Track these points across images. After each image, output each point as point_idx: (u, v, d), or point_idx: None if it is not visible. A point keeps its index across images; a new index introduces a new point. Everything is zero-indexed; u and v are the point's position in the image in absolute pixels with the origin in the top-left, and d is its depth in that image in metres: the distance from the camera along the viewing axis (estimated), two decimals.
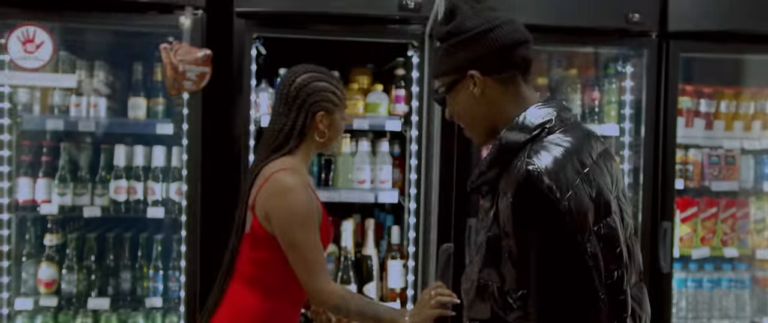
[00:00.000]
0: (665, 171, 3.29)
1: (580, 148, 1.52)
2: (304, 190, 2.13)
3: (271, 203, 2.12)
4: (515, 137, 1.56)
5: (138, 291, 3.24)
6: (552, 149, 1.49)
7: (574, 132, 1.56)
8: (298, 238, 2.10)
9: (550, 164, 1.45)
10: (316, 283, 2.11)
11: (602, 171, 1.53)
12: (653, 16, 3.24)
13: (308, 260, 2.11)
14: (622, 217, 1.58)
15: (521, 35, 1.63)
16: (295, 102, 2.18)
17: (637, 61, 3.37)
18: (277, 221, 2.11)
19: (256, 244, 2.20)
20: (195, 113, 3.04)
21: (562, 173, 1.44)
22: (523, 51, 1.63)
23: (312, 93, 2.19)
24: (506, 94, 1.64)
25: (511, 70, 1.63)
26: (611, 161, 1.63)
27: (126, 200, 3.16)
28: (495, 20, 1.62)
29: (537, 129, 1.56)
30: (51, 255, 3.18)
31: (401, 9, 3.05)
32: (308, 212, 2.12)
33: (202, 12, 3.01)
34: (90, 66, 3.21)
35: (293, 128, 2.19)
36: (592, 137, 1.61)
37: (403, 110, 3.32)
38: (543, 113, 1.58)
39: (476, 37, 1.61)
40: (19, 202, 3.14)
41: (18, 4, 2.93)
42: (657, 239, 3.28)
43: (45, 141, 3.24)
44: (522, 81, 1.65)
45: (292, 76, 2.21)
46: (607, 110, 3.47)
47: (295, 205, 2.10)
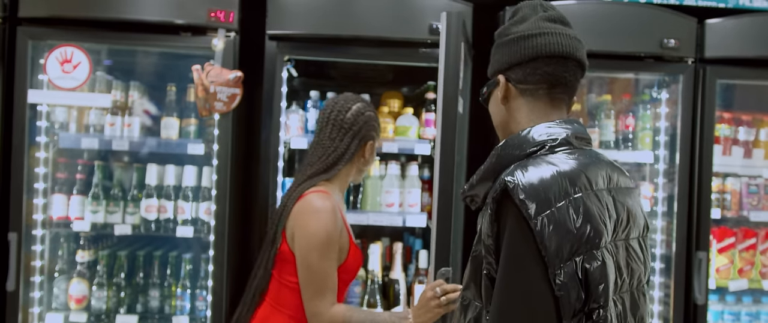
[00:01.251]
0: (700, 200, 3.21)
1: (579, 173, 1.42)
2: (331, 215, 2.17)
3: (297, 221, 2.19)
4: (511, 152, 1.50)
5: (166, 309, 3.27)
6: (542, 167, 1.41)
7: (580, 157, 1.47)
8: (313, 260, 2.14)
9: (531, 180, 1.37)
10: (316, 307, 2.15)
11: (602, 204, 1.42)
12: (689, 42, 3.19)
13: (316, 283, 2.15)
14: (625, 263, 1.49)
15: (557, 50, 1.53)
16: (351, 129, 2.29)
17: (673, 87, 3.32)
18: (298, 240, 2.17)
19: (284, 266, 2.23)
20: (225, 134, 3.06)
21: (543, 192, 1.36)
22: (553, 66, 1.54)
23: (366, 122, 2.32)
24: (525, 105, 1.58)
25: (535, 83, 1.56)
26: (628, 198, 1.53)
27: (156, 218, 3.20)
28: (537, 29, 1.55)
29: (536, 146, 1.49)
30: (82, 272, 3.23)
31: (432, 33, 3.05)
32: (329, 238, 2.15)
33: (234, 34, 3.05)
34: (125, 86, 3.27)
35: (344, 153, 2.29)
36: (606, 168, 1.51)
37: (432, 134, 3.31)
38: (550, 132, 1.51)
39: (512, 42, 1.58)
40: (53, 218, 3.19)
41: (57, 25, 3.01)
42: (691, 270, 3.20)
43: (80, 159, 3.31)
44: (545, 96, 1.57)
45: (346, 104, 2.32)
46: (641, 136, 3.41)
47: (318, 228, 2.15)
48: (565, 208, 1.36)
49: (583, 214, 1.36)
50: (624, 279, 1.48)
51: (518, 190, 1.36)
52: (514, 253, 1.37)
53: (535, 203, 1.35)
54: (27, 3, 2.98)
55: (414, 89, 3.75)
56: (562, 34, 1.55)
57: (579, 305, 1.33)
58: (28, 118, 3.02)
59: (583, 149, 1.52)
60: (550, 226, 1.33)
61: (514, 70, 1.57)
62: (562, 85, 1.56)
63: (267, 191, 3.11)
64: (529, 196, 1.35)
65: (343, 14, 3.05)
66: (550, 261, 1.33)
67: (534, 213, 1.34)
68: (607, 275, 1.37)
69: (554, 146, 1.49)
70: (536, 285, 1.33)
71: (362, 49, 3.14)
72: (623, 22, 3.15)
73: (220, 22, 3.00)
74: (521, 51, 1.55)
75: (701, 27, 3.21)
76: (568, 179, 1.40)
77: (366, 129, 2.31)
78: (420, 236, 3.62)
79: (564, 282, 1.32)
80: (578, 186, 1.40)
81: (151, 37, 3.04)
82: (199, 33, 3.04)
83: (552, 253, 1.32)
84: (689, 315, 3.22)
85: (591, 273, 1.34)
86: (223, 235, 3.06)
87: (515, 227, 1.37)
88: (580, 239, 1.35)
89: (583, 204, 1.37)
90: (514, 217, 1.37)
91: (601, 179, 1.47)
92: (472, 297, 1.53)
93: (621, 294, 1.48)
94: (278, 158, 3.13)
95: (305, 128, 3.29)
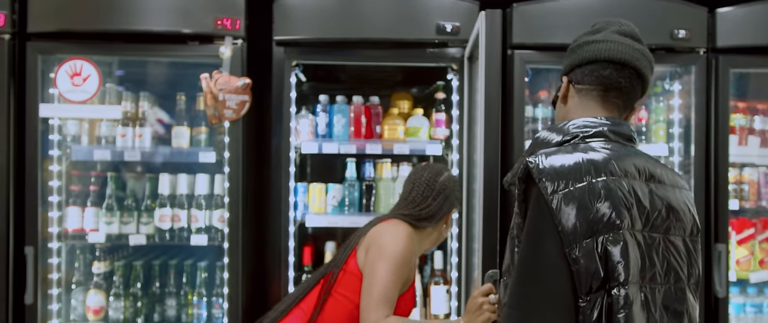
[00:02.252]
0: (717, 191, 3.17)
1: (607, 161, 1.50)
2: (408, 238, 2.28)
3: (375, 238, 2.29)
4: (546, 138, 1.62)
5: (182, 318, 3.28)
6: (568, 152, 1.52)
7: (614, 148, 1.55)
8: (381, 270, 2.20)
9: (552, 162, 1.48)
10: (374, 315, 2.17)
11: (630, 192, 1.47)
12: (701, 32, 3.15)
13: (378, 293, 2.18)
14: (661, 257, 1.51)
15: (615, 55, 1.62)
16: (442, 193, 2.44)
17: (686, 78, 3.28)
18: (371, 253, 2.24)
19: (342, 281, 2.30)
20: (236, 141, 3.06)
21: (562, 172, 1.46)
22: (609, 71, 1.63)
23: (455, 188, 2.50)
24: (579, 105, 1.68)
25: (591, 84, 1.66)
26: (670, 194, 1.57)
27: (170, 228, 3.21)
28: (604, 38, 1.65)
29: (569, 136, 1.60)
30: (99, 283, 3.24)
31: (439, 33, 3.04)
32: (402, 256, 2.23)
33: (241, 41, 3.05)
34: (135, 97, 3.29)
35: (436, 213, 2.43)
36: (646, 162, 1.57)
37: (443, 134, 3.29)
38: (586, 124, 1.60)
39: (578, 47, 1.69)
40: (68, 231, 3.21)
41: (66, 39, 3.03)
42: (711, 263, 3.16)
43: (93, 171, 3.32)
44: (599, 98, 1.66)
45: (438, 171, 2.49)
46: (654, 129, 3.37)
47: (394, 243, 2.25)
48: (585, 188, 1.44)
49: (604, 196, 1.44)
50: (656, 271, 1.50)
51: (538, 170, 1.48)
52: (534, 229, 1.47)
53: (554, 182, 1.45)
54: (36, 18, 3.00)
55: (423, 89, 3.73)
56: (626, 44, 1.64)
57: (597, 283, 1.40)
58: (40, 132, 3.04)
59: (618, 143, 1.59)
60: (567, 205, 1.42)
61: (575, 71, 1.69)
62: (616, 89, 1.65)
63: (279, 197, 3.11)
64: (547, 175, 1.46)
65: (349, 17, 3.05)
66: (565, 238, 1.42)
67: (551, 191, 1.44)
68: (629, 257, 1.43)
69: (587, 137, 1.58)
70: (553, 260, 1.43)
71: (370, 52, 3.13)
72: (633, 14, 3.11)
73: (227, 29, 3.00)
74: (583, 54, 1.66)
75: (712, 16, 3.17)
76: (593, 164, 1.49)
77: (453, 196, 2.48)
78: None
79: (579, 256, 1.40)
80: (603, 172, 1.48)
81: (159, 48, 3.05)
82: (207, 41, 3.04)
83: (568, 230, 1.41)
84: (710, 309, 3.18)
85: (611, 252, 1.41)
86: (237, 242, 3.06)
87: (535, 205, 1.47)
88: (600, 219, 1.42)
89: (605, 187, 1.45)
90: (535, 195, 1.48)
91: (635, 170, 1.53)
92: (505, 274, 1.64)
93: (652, 285, 1.49)
94: (290, 163, 3.13)
95: (315, 133, 3.29)
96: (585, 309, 1.40)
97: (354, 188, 3.29)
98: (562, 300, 1.41)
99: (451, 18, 3.05)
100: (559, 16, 3.06)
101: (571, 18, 3.05)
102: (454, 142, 3.20)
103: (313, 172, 3.85)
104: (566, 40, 3.13)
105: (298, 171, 3.30)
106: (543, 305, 1.42)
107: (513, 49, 3.08)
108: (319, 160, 3.76)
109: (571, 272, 1.40)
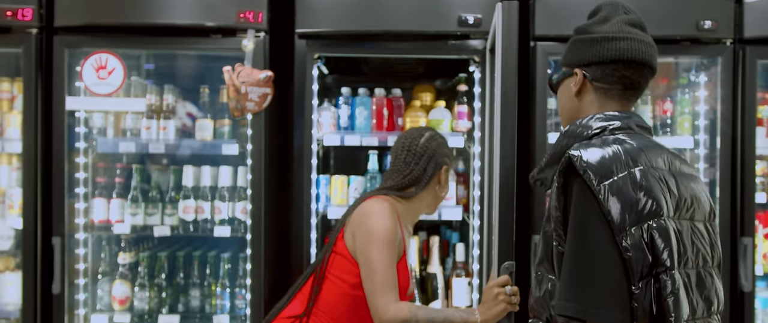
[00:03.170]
0: (744, 184, 3.12)
1: (639, 152, 1.53)
2: (390, 216, 2.22)
3: (358, 222, 2.24)
4: (576, 131, 1.64)
5: (206, 309, 3.31)
6: (602, 145, 1.53)
7: (639, 139, 1.58)
8: (374, 254, 2.16)
9: (594, 155, 1.50)
10: (383, 301, 2.13)
11: (662, 181, 1.51)
12: (727, 22, 3.10)
13: (379, 277, 2.15)
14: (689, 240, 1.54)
15: (638, 57, 1.64)
16: (424, 154, 2.37)
17: (712, 70, 3.23)
18: (359, 239, 2.21)
19: (335, 260, 2.28)
20: (258, 134, 3.09)
21: (606, 164, 1.48)
22: (631, 71, 1.65)
23: (439, 146, 2.41)
24: (597, 102, 1.70)
25: (611, 83, 1.67)
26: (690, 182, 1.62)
27: (194, 219, 3.24)
28: (620, 33, 1.65)
29: (598, 130, 1.62)
30: (124, 273, 3.29)
31: (461, 25, 3.03)
32: (387, 234, 2.18)
33: (264, 34, 3.07)
34: (160, 90, 3.32)
35: (420, 177, 2.36)
36: (667, 153, 1.61)
37: (466, 126, 3.29)
38: (610, 117, 1.63)
39: (594, 41, 1.67)
40: (94, 222, 3.26)
41: (91, 33, 3.07)
42: (737, 256, 3.12)
43: (118, 163, 3.37)
44: (618, 96, 1.68)
45: (418, 133, 2.42)
46: (680, 121, 3.33)
47: (376, 223, 2.20)
48: (626, 178, 1.47)
49: (644, 186, 1.47)
50: (688, 255, 1.54)
51: (582, 162, 1.48)
52: (582, 220, 1.48)
53: (599, 174, 1.47)
54: (62, 12, 3.05)
55: (445, 81, 3.73)
56: (642, 41, 1.66)
57: (646, 269, 1.43)
58: (67, 124, 3.09)
59: (643, 136, 1.63)
60: (613, 194, 1.44)
61: (592, 68, 1.68)
62: (634, 88, 1.69)
63: (302, 189, 3.13)
64: (591, 167, 1.47)
65: (371, 9, 3.05)
66: (615, 227, 1.43)
67: (597, 182, 1.46)
68: (671, 242, 1.46)
69: (614, 129, 1.61)
70: (605, 247, 1.44)
71: (391, 44, 3.13)
72: (658, 5, 3.07)
73: (250, 22, 3.02)
74: (603, 52, 1.65)
75: (739, 6, 3.12)
76: (629, 155, 1.51)
77: (439, 154, 2.39)
78: (457, 230, 3.60)
79: (629, 245, 1.42)
80: (639, 162, 1.51)
81: (183, 41, 3.08)
82: (229, 34, 3.06)
83: (616, 219, 1.43)
84: (736, 303, 3.14)
85: (656, 239, 1.44)
86: (260, 234, 3.09)
87: (581, 196, 1.48)
88: (642, 209, 1.45)
89: (644, 177, 1.48)
90: (579, 187, 1.49)
91: (662, 161, 1.57)
92: (545, 272, 1.65)
93: (686, 269, 1.53)
94: (312, 155, 3.14)
95: (337, 125, 3.30)
96: (638, 296, 1.42)
97: (376, 180, 3.29)
98: (619, 288, 1.43)
99: (473, 10, 3.04)
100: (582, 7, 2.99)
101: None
102: (476, 134, 3.19)
103: (335, 164, 3.86)
104: None
105: (320, 163, 3.32)
106: (600, 294, 1.43)
107: (536, 40, 3.06)
108: (341, 152, 3.77)
109: (624, 260, 1.42)
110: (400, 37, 3.11)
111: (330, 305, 2.25)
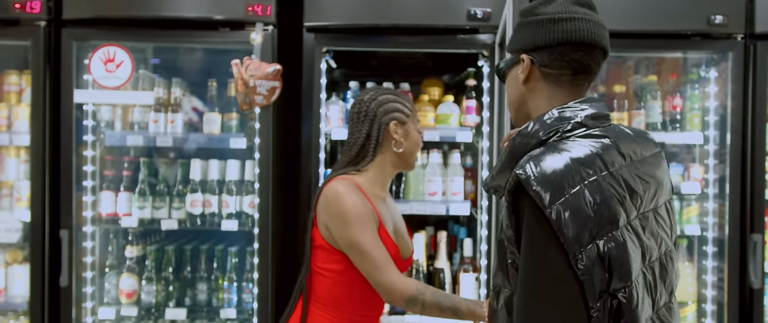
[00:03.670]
0: (754, 180, 3.10)
1: (593, 157, 1.41)
2: (353, 194, 2.14)
3: (326, 211, 2.16)
4: (525, 141, 1.49)
5: (213, 303, 3.31)
6: (554, 155, 1.40)
7: (596, 139, 1.46)
8: (356, 237, 2.10)
9: (544, 170, 1.36)
10: (386, 278, 2.08)
11: (621, 184, 1.41)
12: (738, 17, 3.08)
13: (371, 256, 2.09)
14: (654, 232, 1.48)
15: (586, 37, 1.51)
16: (367, 116, 2.24)
17: (722, 65, 3.21)
18: (334, 228, 2.14)
19: (315, 253, 2.24)
20: (266, 127, 3.08)
21: (556, 180, 1.35)
22: (580, 54, 1.52)
23: (381, 104, 2.25)
24: (546, 89, 1.57)
25: (560, 68, 1.54)
26: (654, 168, 1.54)
27: (201, 213, 3.24)
28: (567, 13, 1.53)
29: (550, 132, 1.47)
30: (132, 266, 3.29)
31: (470, 19, 3.02)
32: (358, 213, 2.12)
33: (272, 27, 3.06)
34: (167, 84, 3.32)
35: (367, 141, 2.25)
36: (627, 143, 1.50)
37: (474, 121, 3.27)
38: (564, 115, 1.50)
39: (540, 23, 1.55)
40: (102, 215, 3.26)
41: (100, 26, 3.07)
42: (746, 253, 3.10)
43: (126, 156, 3.37)
44: (567, 82, 1.56)
45: (359, 96, 2.30)
46: (689, 117, 3.31)
47: (344, 207, 2.12)
48: (580, 193, 1.35)
49: (600, 197, 1.35)
50: (653, 248, 1.48)
51: (531, 181, 1.35)
52: (534, 243, 1.36)
53: (549, 192, 1.34)
54: (71, 5, 3.05)
55: (454, 76, 3.71)
56: (591, 20, 1.53)
57: (603, 286, 1.33)
58: (75, 117, 3.09)
59: (600, 128, 1.50)
60: (566, 213, 1.32)
61: (539, 52, 1.55)
62: (585, 72, 1.55)
63: (309, 183, 3.12)
64: (542, 186, 1.34)
65: (380, 3, 3.04)
66: (569, 247, 1.32)
67: (548, 202, 1.33)
68: (629, 255, 1.37)
69: (567, 131, 1.48)
70: (560, 272, 1.33)
71: (400, 38, 3.12)
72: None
73: (258, 16, 3.01)
74: (549, 34, 1.53)
75: (750, 1, 3.09)
76: (582, 164, 1.39)
77: (383, 112, 2.25)
78: (464, 225, 3.60)
79: (587, 265, 1.32)
80: (593, 169, 1.39)
81: (191, 34, 3.07)
82: (238, 28, 3.06)
83: (571, 239, 1.31)
84: (745, 300, 3.12)
85: (612, 254, 1.34)
86: (267, 228, 3.08)
87: (532, 218, 1.36)
88: (599, 222, 1.34)
89: (598, 187, 1.37)
90: (529, 208, 1.36)
91: (620, 158, 1.46)
92: (501, 283, 1.53)
93: (651, 263, 1.47)
94: (319, 149, 3.14)
95: (345, 119, 3.29)
96: (596, 320, 1.33)
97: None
98: (576, 312, 1.33)
99: (482, 4, 3.02)
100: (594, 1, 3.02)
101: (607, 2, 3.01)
102: (485, 129, 3.18)
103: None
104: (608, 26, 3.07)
105: (328, 157, 3.31)
106: (556, 320, 1.33)
107: None
108: None
109: (580, 282, 1.32)
110: (409, 31, 3.09)
111: (328, 297, 2.22)
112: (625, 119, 3.29)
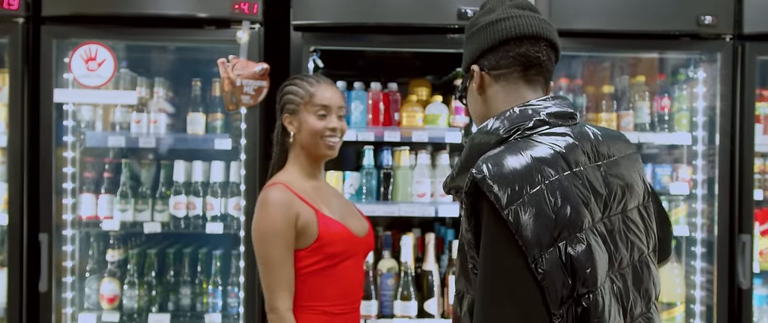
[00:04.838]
0: (742, 181, 3.11)
1: (555, 156, 1.37)
2: (273, 204, 2.12)
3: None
4: (484, 139, 1.46)
5: (198, 307, 3.24)
6: (513, 155, 1.35)
7: (558, 138, 1.42)
8: (259, 253, 2.14)
9: (501, 170, 1.32)
10: (270, 303, 2.13)
11: (585, 184, 1.37)
12: (727, 18, 3.09)
13: (266, 278, 2.13)
14: (623, 237, 1.44)
15: (526, 30, 1.50)
16: (276, 110, 2.30)
17: (710, 65, 3.22)
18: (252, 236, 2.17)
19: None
20: (253, 128, 3.02)
21: (514, 181, 1.31)
22: (525, 47, 1.51)
23: (281, 98, 2.30)
24: (501, 91, 1.55)
25: (507, 66, 1.53)
26: (624, 169, 1.50)
27: (185, 215, 3.17)
28: (505, 14, 1.52)
29: (509, 131, 1.44)
30: (113, 271, 3.21)
31: (460, 18, 2.98)
32: (268, 229, 2.11)
33: (259, 26, 3.00)
34: (150, 83, 3.24)
35: (278, 137, 2.31)
36: (591, 143, 1.46)
37: (463, 121, 3.24)
38: (525, 112, 1.46)
39: (481, 30, 1.55)
40: (82, 218, 3.17)
41: (80, 23, 2.98)
42: (734, 254, 3.11)
43: (107, 158, 3.28)
44: (520, 79, 1.54)
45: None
46: (677, 118, 3.31)
47: (258, 221, 2.14)
48: (541, 193, 1.30)
49: (561, 197, 1.31)
50: (622, 254, 1.43)
51: (487, 181, 1.31)
52: (492, 246, 1.32)
53: (506, 193, 1.29)
54: (50, 2, 2.96)
55: (442, 76, 3.68)
56: (532, 17, 1.53)
57: (566, 291, 1.29)
58: (54, 118, 3.00)
59: (563, 127, 1.46)
60: (525, 214, 1.28)
61: (486, 57, 1.54)
62: (536, 66, 1.54)
63: None
64: (499, 186, 1.30)
65: (368, 1, 2.99)
66: (528, 250, 1.27)
67: (505, 203, 1.29)
68: (594, 258, 1.32)
69: (529, 129, 1.44)
70: (518, 276, 1.28)
71: (388, 37, 3.08)
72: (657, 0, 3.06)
73: (245, 14, 2.95)
74: (490, 36, 1.52)
75: (739, 2, 3.10)
76: (543, 162, 1.35)
77: (280, 107, 2.29)
78: (451, 227, 3.56)
79: (547, 269, 1.27)
80: (555, 169, 1.35)
81: (175, 32, 3.00)
82: (223, 26, 2.99)
83: (530, 242, 1.27)
84: (733, 300, 3.13)
85: (576, 257, 1.29)
86: None
87: (490, 221, 1.32)
88: (561, 223, 1.30)
89: (560, 187, 1.33)
90: (487, 210, 1.32)
91: (584, 157, 1.42)
92: (464, 289, 1.48)
93: (621, 270, 1.43)
94: None
95: None
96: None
97: (371, 176, 3.23)
98: (537, 319, 1.27)
99: (472, 3, 2.99)
100: (583, 2, 3.01)
101: (596, 2, 3.00)
102: (474, 129, 3.14)
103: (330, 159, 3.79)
104: (591, 26, 3.09)
105: None
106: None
107: None
108: None
109: (541, 287, 1.27)
110: (398, 30, 3.05)
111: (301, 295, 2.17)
112: (613, 119, 3.28)
